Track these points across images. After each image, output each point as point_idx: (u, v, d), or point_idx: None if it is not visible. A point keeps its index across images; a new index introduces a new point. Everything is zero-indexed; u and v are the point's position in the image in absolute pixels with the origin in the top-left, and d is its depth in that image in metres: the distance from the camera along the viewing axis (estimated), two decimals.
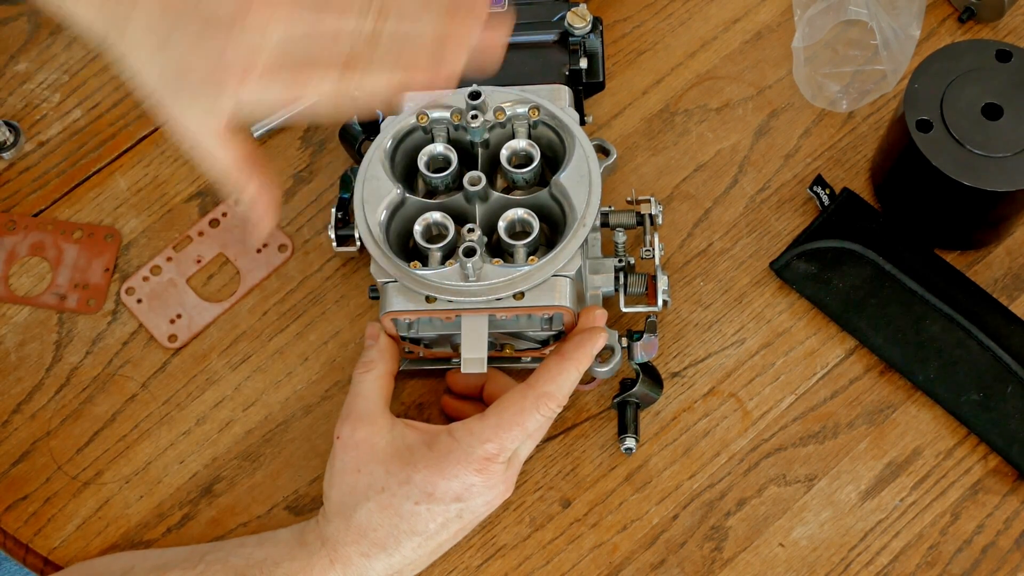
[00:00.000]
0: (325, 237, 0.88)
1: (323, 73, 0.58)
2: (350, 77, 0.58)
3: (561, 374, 0.74)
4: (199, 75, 0.58)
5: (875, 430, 0.82)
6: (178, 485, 0.83)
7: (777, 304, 0.86)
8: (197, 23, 0.58)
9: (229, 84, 0.58)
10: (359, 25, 0.57)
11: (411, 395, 0.84)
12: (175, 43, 0.58)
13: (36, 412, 0.85)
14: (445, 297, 0.73)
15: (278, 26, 0.57)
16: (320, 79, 0.58)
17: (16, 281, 0.88)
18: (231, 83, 0.58)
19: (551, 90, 0.79)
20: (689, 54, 0.93)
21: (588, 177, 0.75)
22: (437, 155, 0.77)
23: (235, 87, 0.58)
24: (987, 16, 0.92)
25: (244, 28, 0.57)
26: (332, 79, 0.58)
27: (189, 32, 0.58)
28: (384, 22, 0.58)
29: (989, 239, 0.86)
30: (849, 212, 0.86)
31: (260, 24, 0.57)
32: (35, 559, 0.82)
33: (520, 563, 0.80)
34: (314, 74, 0.58)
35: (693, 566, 0.80)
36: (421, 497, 0.72)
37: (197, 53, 0.58)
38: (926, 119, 0.79)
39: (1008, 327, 0.83)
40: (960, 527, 0.80)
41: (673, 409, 0.83)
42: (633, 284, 0.80)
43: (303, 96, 0.59)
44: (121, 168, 0.91)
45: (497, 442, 0.72)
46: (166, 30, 0.58)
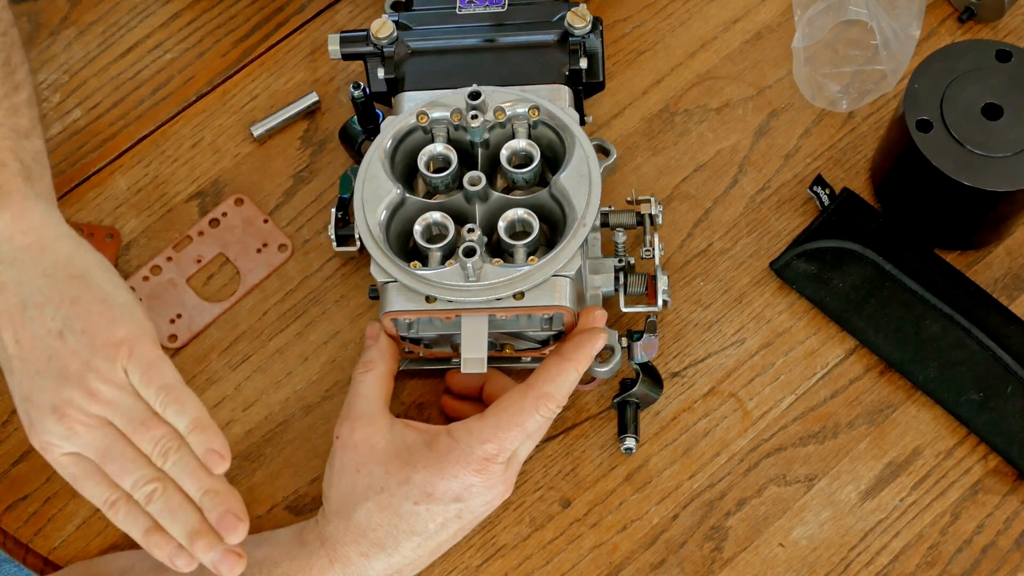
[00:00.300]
0: (325, 237, 0.88)
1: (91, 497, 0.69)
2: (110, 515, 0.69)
3: (561, 374, 0.74)
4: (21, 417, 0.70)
5: (875, 430, 0.82)
6: None
7: (777, 304, 0.86)
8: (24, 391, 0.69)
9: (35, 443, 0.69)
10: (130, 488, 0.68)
11: (411, 395, 0.84)
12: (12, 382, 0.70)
13: None
14: (445, 297, 0.73)
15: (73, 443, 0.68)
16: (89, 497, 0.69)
17: None
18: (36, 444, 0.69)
19: (551, 90, 0.79)
20: (689, 54, 0.93)
21: (588, 177, 0.75)
22: (437, 155, 0.77)
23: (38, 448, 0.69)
24: (987, 16, 0.92)
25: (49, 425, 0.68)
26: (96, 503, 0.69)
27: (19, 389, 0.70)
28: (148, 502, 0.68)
29: (989, 239, 0.86)
30: (849, 212, 0.86)
31: (62, 432, 0.68)
32: (35, 559, 0.82)
33: (520, 563, 0.80)
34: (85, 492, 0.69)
35: (693, 566, 0.80)
36: (420, 497, 0.72)
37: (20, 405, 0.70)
38: (926, 119, 0.79)
39: (1008, 327, 0.83)
40: (960, 527, 0.80)
41: (673, 409, 0.83)
42: (633, 284, 0.80)
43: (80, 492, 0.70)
44: (121, 168, 0.91)
45: (496, 442, 0.72)
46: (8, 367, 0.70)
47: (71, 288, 0.70)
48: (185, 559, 0.68)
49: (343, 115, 0.91)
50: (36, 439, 0.69)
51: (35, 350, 0.69)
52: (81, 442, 0.68)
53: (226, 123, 0.92)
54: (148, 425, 0.68)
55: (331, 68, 0.94)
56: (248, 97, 0.93)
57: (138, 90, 0.94)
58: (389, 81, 0.82)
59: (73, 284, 0.70)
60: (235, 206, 0.89)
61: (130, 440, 0.68)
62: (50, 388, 0.68)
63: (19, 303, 0.70)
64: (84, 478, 0.69)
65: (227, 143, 0.92)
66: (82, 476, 0.69)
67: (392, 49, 0.82)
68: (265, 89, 0.93)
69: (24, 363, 0.69)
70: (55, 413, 0.68)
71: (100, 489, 0.69)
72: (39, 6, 0.96)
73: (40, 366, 0.69)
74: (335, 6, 0.96)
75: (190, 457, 0.68)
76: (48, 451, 0.69)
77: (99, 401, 0.68)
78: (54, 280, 0.70)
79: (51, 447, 0.69)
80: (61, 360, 0.69)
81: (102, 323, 0.69)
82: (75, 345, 0.69)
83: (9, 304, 0.70)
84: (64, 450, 0.69)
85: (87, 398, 0.68)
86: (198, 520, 0.68)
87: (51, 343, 0.69)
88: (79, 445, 0.68)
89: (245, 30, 0.95)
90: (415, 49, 0.82)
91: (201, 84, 0.94)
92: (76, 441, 0.68)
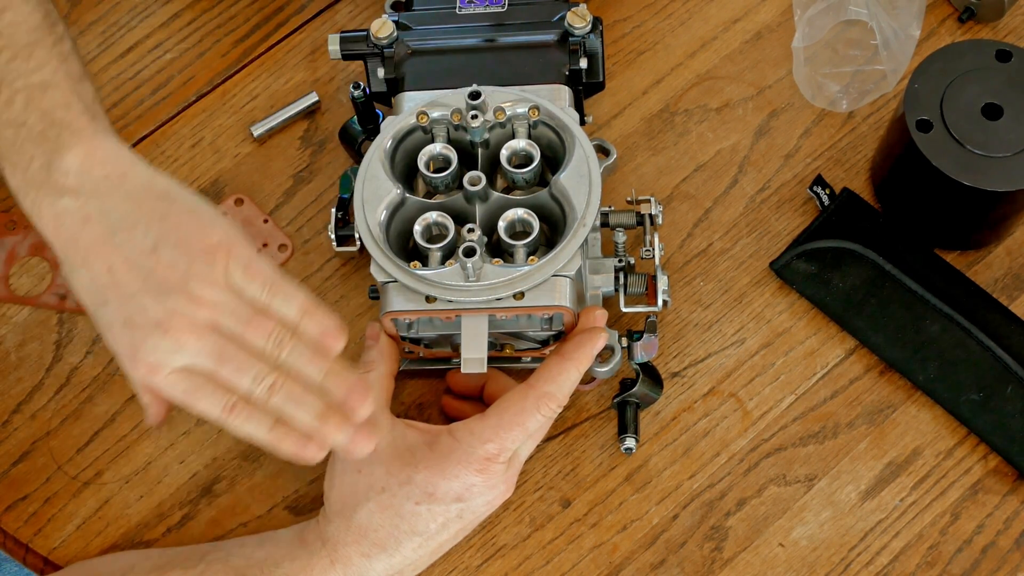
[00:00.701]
0: (325, 237, 0.88)
1: (207, 407, 0.67)
2: (228, 421, 0.67)
3: (561, 374, 0.74)
4: (119, 351, 0.68)
5: (875, 430, 0.82)
6: (178, 485, 0.83)
7: (777, 304, 0.86)
8: (125, 313, 0.67)
9: (137, 374, 0.67)
10: (250, 388, 0.66)
11: (411, 395, 0.84)
12: (105, 314, 0.68)
13: (36, 412, 0.85)
14: (445, 297, 0.73)
15: (184, 354, 0.66)
16: (205, 410, 0.67)
17: (16, 281, 0.88)
18: (138, 373, 0.67)
19: (551, 90, 0.79)
20: (689, 54, 0.93)
21: (588, 177, 0.75)
22: (437, 155, 0.77)
23: (141, 378, 0.67)
24: (987, 16, 0.92)
25: (157, 343, 0.66)
26: (213, 414, 0.67)
27: (118, 315, 0.67)
28: (270, 397, 0.66)
29: (989, 239, 0.86)
30: (849, 212, 0.86)
31: (171, 346, 0.66)
32: (35, 559, 0.82)
33: (520, 563, 0.80)
34: (200, 404, 0.67)
35: (693, 566, 0.80)
36: (422, 497, 0.72)
37: (118, 336, 0.67)
38: (926, 119, 0.79)
39: (1008, 327, 0.83)
40: (960, 527, 0.80)
41: (673, 409, 0.83)
42: (633, 284, 0.80)
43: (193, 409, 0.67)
44: None
45: (498, 442, 0.72)
46: (103, 298, 0.67)
47: (157, 207, 0.68)
48: (314, 447, 0.67)
49: (343, 115, 0.91)
50: (141, 364, 0.66)
51: (130, 272, 0.66)
52: (191, 351, 0.66)
53: (226, 123, 0.92)
54: (258, 320, 0.66)
55: (331, 68, 0.94)
56: (248, 97, 0.93)
57: (138, 90, 0.94)
58: (389, 81, 0.82)
59: (158, 203, 0.68)
60: (235, 206, 0.89)
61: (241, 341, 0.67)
62: (151, 304, 0.66)
63: (106, 231, 0.67)
64: (197, 390, 0.66)
65: (227, 143, 0.92)
66: (195, 389, 0.66)
67: (392, 49, 0.82)
68: (265, 89, 0.93)
69: (119, 289, 0.67)
70: (160, 328, 0.65)
71: (215, 398, 0.66)
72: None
73: (136, 287, 0.66)
74: (335, 6, 0.96)
75: (305, 344, 0.67)
76: (156, 373, 0.66)
77: (204, 305, 0.66)
78: (138, 202, 0.68)
79: (159, 367, 0.66)
80: (159, 275, 0.66)
81: (195, 231, 0.67)
82: (171, 258, 0.66)
83: (96, 234, 0.67)
84: (174, 366, 0.66)
85: (192, 305, 0.66)
86: (323, 404, 0.67)
87: (145, 262, 0.66)
88: (189, 355, 0.66)
89: (245, 30, 0.95)
90: (415, 49, 0.82)
91: (201, 84, 0.94)
92: (186, 352, 0.66)
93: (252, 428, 0.67)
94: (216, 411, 0.67)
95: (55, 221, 0.68)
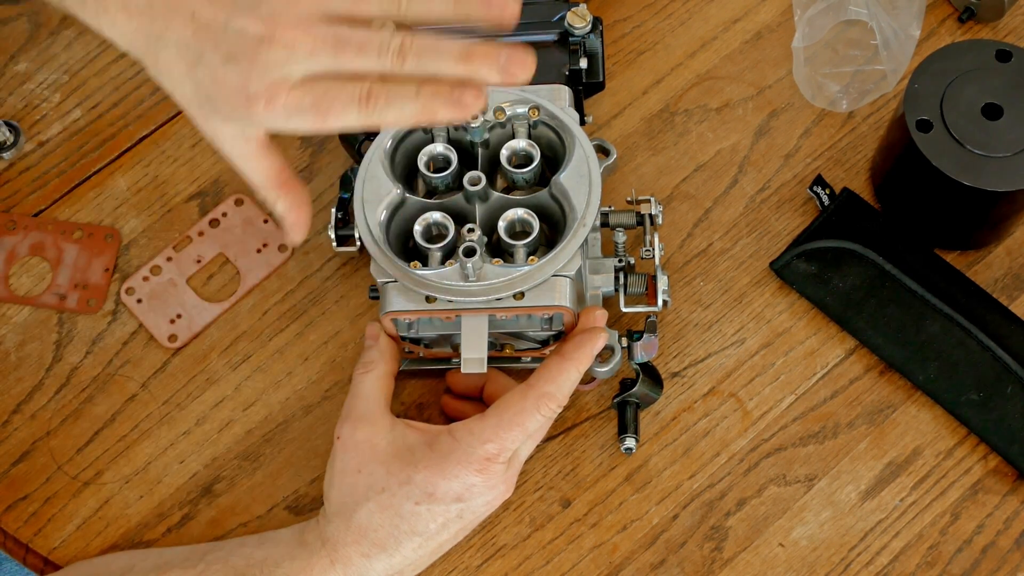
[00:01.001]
0: (325, 237, 0.88)
1: (343, 108, 0.60)
2: (369, 113, 0.60)
3: (561, 374, 0.74)
4: (226, 100, 0.61)
5: (875, 430, 0.82)
6: (178, 485, 0.83)
7: (777, 304, 0.86)
8: (224, 49, 0.60)
9: (255, 111, 0.60)
10: (379, 63, 0.60)
11: (411, 395, 0.84)
12: (204, 66, 0.61)
13: (36, 412, 0.85)
14: (445, 297, 0.73)
15: (300, 60, 0.60)
16: (340, 113, 0.60)
17: (16, 281, 0.88)
18: (256, 110, 0.60)
19: (551, 90, 0.79)
20: (689, 54, 0.93)
21: (588, 177, 0.75)
22: (437, 155, 0.77)
23: (260, 114, 0.60)
24: (987, 16, 0.92)
25: (268, 59, 0.59)
26: (352, 115, 0.60)
27: (217, 57, 0.61)
28: (403, 62, 0.60)
29: (989, 239, 0.86)
30: (849, 212, 0.86)
31: (283, 57, 0.60)
32: (35, 559, 0.82)
33: (520, 563, 0.80)
34: (335, 107, 0.60)
35: (693, 566, 0.80)
36: (422, 497, 0.72)
37: (224, 79, 0.61)
38: (926, 119, 0.79)
39: (1008, 327, 0.83)
40: (960, 527, 0.80)
41: (673, 409, 0.83)
42: (633, 284, 0.80)
43: (326, 127, 0.61)
44: (121, 168, 0.91)
45: (498, 442, 0.72)
46: (196, 53, 0.61)
47: None
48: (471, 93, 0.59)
49: None
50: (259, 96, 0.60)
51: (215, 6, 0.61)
52: (305, 51, 0.59)
53: None
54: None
55: None
56: None
57: (138, 90, 0.93)
58: None
59: None
60: (235, 206, 0.89)
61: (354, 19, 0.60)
62: (247, 22, 0.60)
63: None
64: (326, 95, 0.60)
65: None
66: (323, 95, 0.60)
67: None
68: None
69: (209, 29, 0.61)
70: (265, 42, 0.59)
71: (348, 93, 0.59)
72: (39, 6, 0.96)
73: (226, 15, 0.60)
74: None
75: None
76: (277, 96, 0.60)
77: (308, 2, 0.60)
78: None
79: (278, 87, 0.59)
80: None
81: None
82: None
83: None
84: (293, 78, 0.60)
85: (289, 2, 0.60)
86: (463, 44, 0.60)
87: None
88: (304, 57, 0.59)
89: None
90: None
91: None
92: (299, 54, 0.59)
93: (398, 107, 0.60)
94: (354, 110, 0.60)
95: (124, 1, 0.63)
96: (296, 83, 0.60)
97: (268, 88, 0.60)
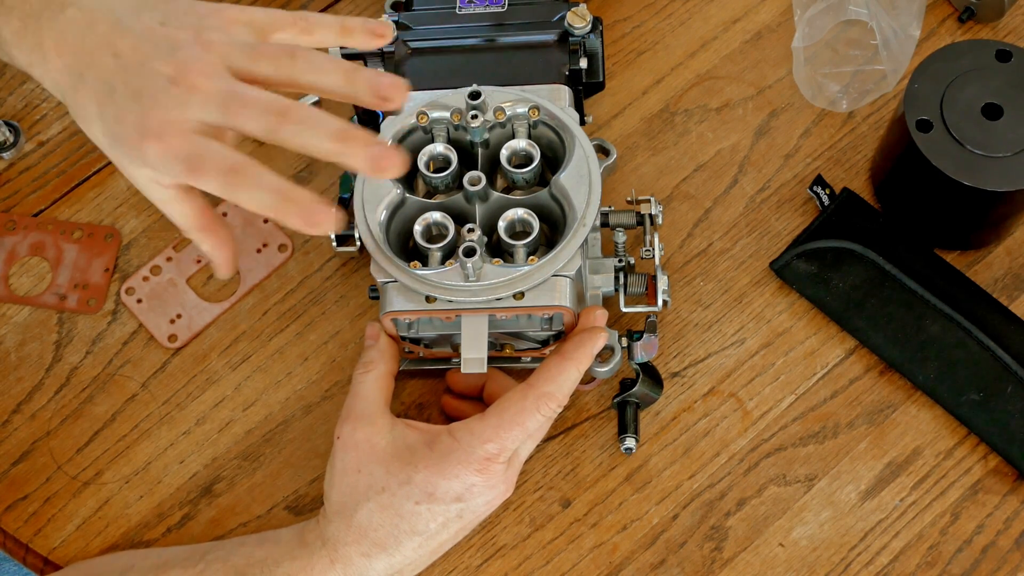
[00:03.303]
0: (325, 237, 0.88)
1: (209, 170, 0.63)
2: (228, 185, 0.62)
3: (561, 374, 0.74)
4: (126, 137, 0.64)
5: (875, 430, 0.82)
6: (178, 485, 0.83)
7: (777, 304, 0.86)
8: (134, 87, 0.64)
9: (146, 149, 0.63)
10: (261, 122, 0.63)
11: (411, 395, 0.84)
12: (112, 103, 0.64)
13: (36, 412, 0.85)
14: (445, 297, 0.73)
15: (195, 104, 0.63)
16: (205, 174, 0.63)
17: (16, 281, 0.88)
18: (148, 148, 0.63)
19: (551, 90, 0.79)
20: (689, 54, 0.93)
21: (588, 177, 0.75)
22: (437, 155, 0.77)
23: (151, 153, 0.63)
24: (987, 16, 0.92)
25: (167, 99, 0.63)
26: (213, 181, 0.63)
27: (126, 94, 0.64)
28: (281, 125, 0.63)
29: (989, 239, 0.86)
30: (849, 212, 0.86)
31: (182, 98, 0.63)
32: (35, 559, 0.82)
33: (520, 563, 0.80)
34: (204, 167, 0.63)
35: (693, 566, 0.80)
36: (422, 497, 0.72)
37: (126, 115, 0.64)
38: (926, 119, 0.79)
39: (1008, 327, 0.83)
40: (960, 527, 0.80)
41: (673, 409, 0.83)
42: (633, 284, 0.80)
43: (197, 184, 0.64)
44: None
45: (498, 442, 0.72)
46: (109, 89, 0.65)
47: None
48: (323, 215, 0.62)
49: (343, 115, 0.91)
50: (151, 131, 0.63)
51: (138, 48, 0.64)
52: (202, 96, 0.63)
53: None
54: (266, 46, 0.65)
55: None
56: None
57: None
58: None
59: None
60: (235, 206, 0.89)
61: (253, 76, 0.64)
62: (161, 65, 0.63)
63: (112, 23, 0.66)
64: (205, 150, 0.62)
65: None
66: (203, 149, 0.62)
67: (392, 49, 0.82)
68: None
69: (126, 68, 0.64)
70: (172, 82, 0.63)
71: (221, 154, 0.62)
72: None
73: (145, 56, 0.64)
74: (335, 6, 0.96)
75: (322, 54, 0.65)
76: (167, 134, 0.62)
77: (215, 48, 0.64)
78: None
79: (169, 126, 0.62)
80: (169, 39, 0.64)
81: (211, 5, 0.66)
82: (180, 23, 0.65)
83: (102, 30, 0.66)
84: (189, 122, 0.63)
85: (203, 51, 0.64)
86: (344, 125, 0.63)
87: (154, 35, 0.65)
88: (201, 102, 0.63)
89: None
90: (415, 49, 0.82)
91: None
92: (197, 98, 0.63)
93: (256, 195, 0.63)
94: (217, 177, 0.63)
95: (59, 39, 0.66)
96: (188, 130, 0.63)
97: (161, 126, 0.63)
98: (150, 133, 0.63)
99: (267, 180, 0.62)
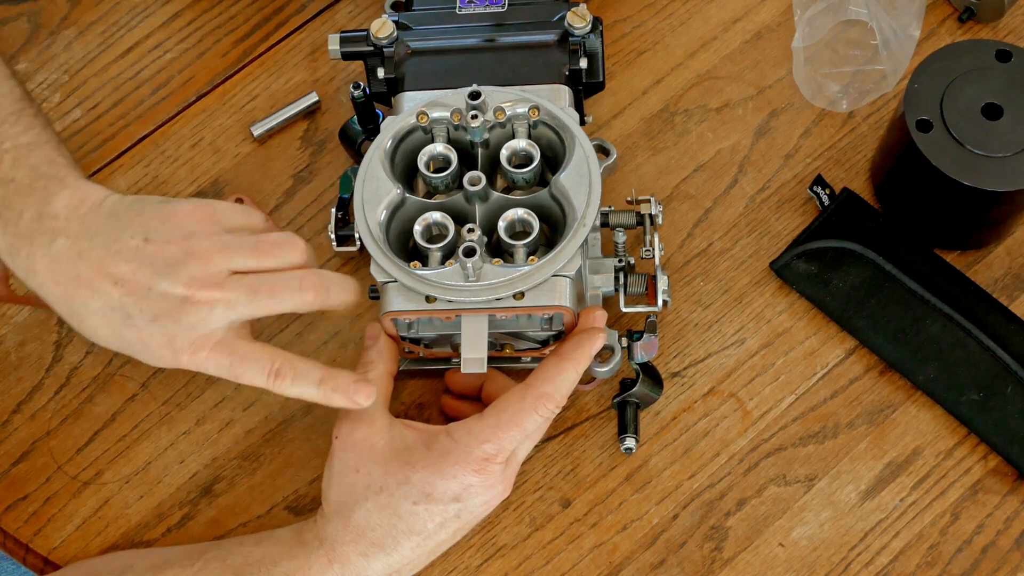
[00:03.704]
0: (325, 237, 0.88)
1: (255, 375, 0.70)
2: (278, 384, 0.70)
3: (560, 375, 0.74)
4: (151, 353, 0.69)
5: (875, 430, 0.82)
6: (178, 485, 0.83)
7: (777, 304, 0.86)
8: (151, 311, 0.68)
9: (180, 361, 0.69)
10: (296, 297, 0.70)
11: (411, 395, 0.84)
12: (131, 326, 0.69)
13: (36, 412, 0.85)
14: (445, 297, 0.73)
15: (219, 315, 0.68)
16: (252, 378, 0.70)
17: (16, 281, 0.88)
18: (181, 360, 0.69)
19: (551, 90, 0.79)
20: (689, 54, 0.93)
21: (588, 177, 0.75)
22: (437, 155, 0.77)
23: (185, 363, 0.69)
24: (987, 16, 0.92)
25: (191, 319, 0.68)
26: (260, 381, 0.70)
27: (144, 318, 0.68)
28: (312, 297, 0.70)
29: (989, 239, 0.86)
30: (849, 212, 0.86)
31: (204, 315, 0.68)
32: (35, 559, 0.82)
33: (520, 563, 0.80)
34: (247, 374, 0.70)
35: (693, 566, 0.80)
36: (419, 497, 0.72)
37: (150, 338, 0.69)
38: (926, 119, 0.79)
39: (1008, 327, 0.83)
40: (960, 527, 0.80)
41: (673, 409, 0.83)
42: (633, 284, 0.80)
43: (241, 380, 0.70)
44: (121, 168, 0.91)
45: (495, 442, 0.72)
46: (123, 314, 0.69)
47: (131, 209, 0.71)
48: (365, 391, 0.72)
49: (343, 115, 0.91)
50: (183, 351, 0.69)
51: (136, 271, 0.68)
52: (224, 306, 0.68)
53: (226, 123, 0.92)
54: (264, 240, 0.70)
55: (331, 68, 0.94)
56: (248, 97, 0.93)
57: (138, 90, 0.94)
58: (389, 81, 0.82)
59: (132, 207, 0.71)
60: None
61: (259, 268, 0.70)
62: (169, 285, 0.68)
63: (101, 253, 0.69)
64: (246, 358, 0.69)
65: (227, 143, 0.92)
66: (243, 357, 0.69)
67: (392, 49, 0.82)
68: (265, 89, 0.93)
69: (134, 293, 0.68)
70: (187, 302, 0.68)
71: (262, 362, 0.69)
72: (39, 6, 0.96)
73: (148, 279, 0.68)
74: (335, 6, 0.96)
75: None
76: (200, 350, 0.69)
77: (213, 257, 0.68)
78: (116, 216, 0.71)
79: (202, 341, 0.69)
80: (162, 256, 0.68)
81: (171, 210, 0.70)
82: (163, 236, 0.69)
83: (93, 261, 0.69)
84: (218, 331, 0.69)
85: (201, 263, 0.68)
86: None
87: (143, 254, 0.69)
88: (224, 310, 0.68)
89: (245, 30, 0.95)
90: (415, 49, 0.82)
91: (201, 84, 0.94)
92: (219, 309, 0.68)
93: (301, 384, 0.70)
94: (263, 379, 0.70)
95: (52, 267, 0.70)
96: (219, 339, 0.69)
97: (191, 344, 0.68)
98: (182, 352, 0.68)
99: (310, 374, 0.70)
